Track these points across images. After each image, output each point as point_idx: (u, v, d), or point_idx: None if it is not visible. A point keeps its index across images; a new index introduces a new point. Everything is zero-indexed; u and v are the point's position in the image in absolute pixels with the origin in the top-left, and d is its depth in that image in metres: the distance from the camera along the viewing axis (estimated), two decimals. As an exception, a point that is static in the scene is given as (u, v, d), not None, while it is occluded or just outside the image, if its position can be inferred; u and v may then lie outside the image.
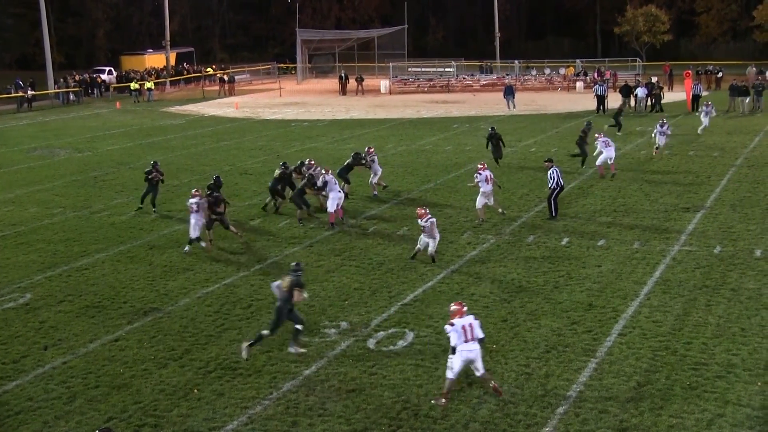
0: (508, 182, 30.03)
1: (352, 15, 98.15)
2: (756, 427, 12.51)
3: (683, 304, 17.62)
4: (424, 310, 17.74)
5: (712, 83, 63.10)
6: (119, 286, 20.09)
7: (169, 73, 79.58)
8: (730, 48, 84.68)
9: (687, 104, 51.14)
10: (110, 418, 13.31)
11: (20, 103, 63.07)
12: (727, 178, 30.14)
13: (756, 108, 48.83)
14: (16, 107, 62.69)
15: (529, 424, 12.82)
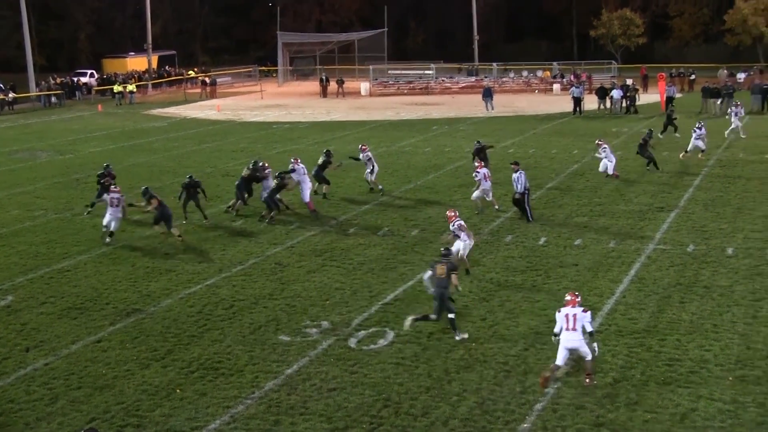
0: (487, 183, 30.14)
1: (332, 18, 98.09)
2: (727, 421, 12.62)
3: (658, 302, 17.74)
4: (405, 310, 17.74)
5: (685, 85, 63.49)
6: (101, 287, 19.99)
7: (151, 75, 79.23)
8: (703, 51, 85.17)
9: (661, 105, 51.41)
10: (93, 419, 13.24)
11: (1, 105, 62.68)
12: (699, 178, 30.33)
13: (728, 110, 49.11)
14: (-3, 110, 62.42)
15: (508, 420, 12.87)
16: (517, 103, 58.59)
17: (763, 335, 15.77)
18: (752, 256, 20.74)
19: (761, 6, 76.29)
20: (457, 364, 14.93)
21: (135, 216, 26.56)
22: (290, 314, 17.73)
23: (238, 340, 16.41)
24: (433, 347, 15.72)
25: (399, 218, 25.58)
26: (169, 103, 66.07)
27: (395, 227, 24.49)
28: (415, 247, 22.38)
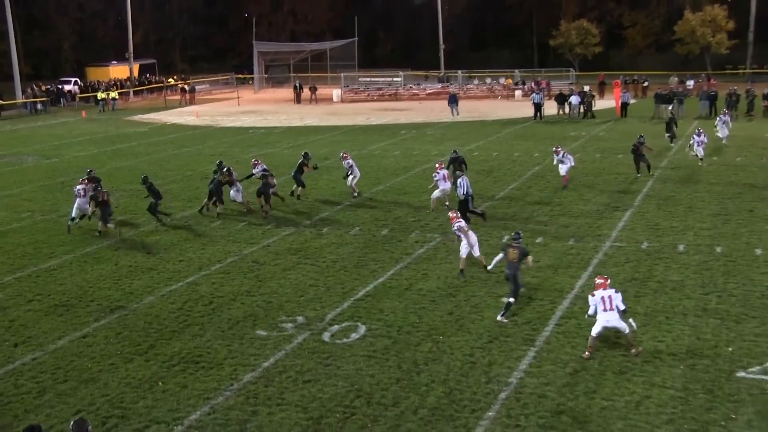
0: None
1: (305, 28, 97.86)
2: (678, 407, 12.76)
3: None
4: (376, 305, 17.78)
5: (639, 92, 64.01)
6: (86, 285, 19.87)
7: (132, 83, 78.79)
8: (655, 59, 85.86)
9: (616, 111, 51.84)
10: (79, 411, 13.16)
11: (-12, 113, 62.22)
12: (653, 178, 30.58)
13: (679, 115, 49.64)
14: (-17, 117, 61.79)
15: (474, 409, 12.93)
16: (481, 109, 58.82)
17: (711, 326, 15.95)
18: (702, 252, 20.96)
19: (708, 18, 77.28)
20: (426, 356, 14.97)
21: (119, 217, 26.43)
22: (267, 310, 17.70)
23: (217, 335, 16.36)
24: (403, 340, 15.76)
25: (369, 218, 25.61)
26: (149, 110, 65.67)
27: (366, 227, 24.51)
28: (385, 246, 22.40)
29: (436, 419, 12.65)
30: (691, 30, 78.15)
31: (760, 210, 25.19)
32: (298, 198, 28.19)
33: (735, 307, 16.92)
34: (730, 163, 33.21)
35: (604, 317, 14.61)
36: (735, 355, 14.60)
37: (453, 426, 12.45)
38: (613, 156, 35.96)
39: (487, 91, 70.89)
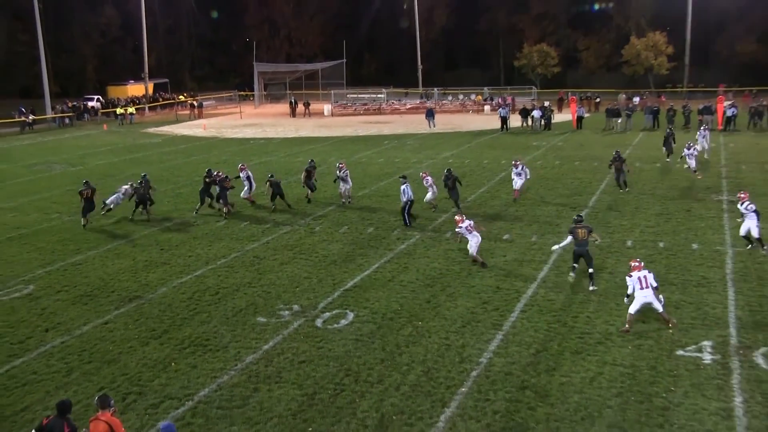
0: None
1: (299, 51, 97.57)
2: (626, 382, 12.87)
3: (571, 286, 17.94)
4: (362, 294, 17.79)
5: (592, 107, 64.15)
6: (107, 278, 19.80)
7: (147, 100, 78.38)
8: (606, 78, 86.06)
9: (572, 123, 52.01)
10: (102, 388, 13.20)
11: (23, 126, 61.92)
12: (605, 183, 30.69)
13: (627, 127, 49.92)
14: (19, 130, 61.41)
15: (449, 385, 12.97)
16: (455, 122, 58.86)
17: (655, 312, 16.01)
18: (647, 246, 21.07)
19: (650, 43, 77.79)
20: (407, 340, 14.99)
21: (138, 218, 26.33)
22: (266, 299, 17.68)
23: (222, 321, 16.34)
24: (387, 326, 15.77)
25: (357, 218, 25.58)
26: (162, 123, 65.32)
27: (353, 226, 24.50)
28: (371, 242, 22.41)
29: (416, 394, 12.68)
30: (636, 53, 78.55)
31: (696, 210, 25.34)
32: (309, 201, 28.10)
33: (675, 295, 17.04)
34: (671, 169, 33.37)
35: (642, 294, 15.01)
36: (674, 337, 14.71)
37: (431, 400, 12.48)
38: (570, 163, 36.09)
39: (460, 106, 70.90)
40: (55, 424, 10.01)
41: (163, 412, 12.37)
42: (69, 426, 10.02)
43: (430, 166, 35.31)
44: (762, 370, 13.24)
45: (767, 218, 23.86)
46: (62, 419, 10.05)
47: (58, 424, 10.01)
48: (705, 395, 12.38)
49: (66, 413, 10.14)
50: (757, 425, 11.48)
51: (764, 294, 16.98)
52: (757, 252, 20.13)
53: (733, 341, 14.44)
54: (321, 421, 11.97)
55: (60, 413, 10.13)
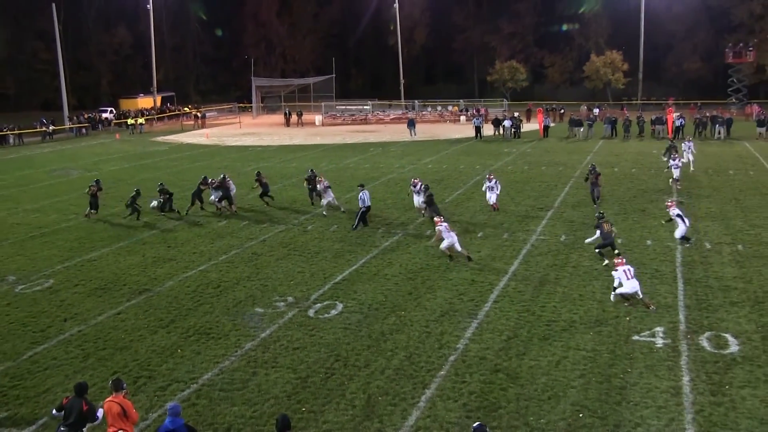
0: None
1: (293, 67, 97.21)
2: (588, 365, 12.90)
3: (539, 278, 17.99)
4: (351, 287, 17.74)
5: (557, 117, 64.35)
6: (120, 272, 19.64)
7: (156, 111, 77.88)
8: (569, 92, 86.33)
9: (539, 132, 52.12)
10: (115, 372, 13.13)
11: (44, 135, 61.48)
12: (569, 185, 30.82)
13: (588, 136, 50.09)
14: (40, 139, 60.95)
15: (429, 369, 12.96)
16: (434, 131, 58.86)
17: (614, 301, 16.09)
18: (607, 243, 21.14)
19: (608, 60, 78.13)
20: (391, 328, 14.96)
21: (145, 218, 26.14)
22: (263, 292, 17.60)
23: (224, 312, 16.25)
24: (373, 315, 15.73)
25: (345, 218, 25.49)
26: (169, 132, 64.84)
27: (342, 225, 24.42)
28: (358, 240, 22.34)
29: (399, 377, 12.66)
30: (596, 69, 78.85)
31: (650, 210, 25.47)
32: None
33: (632, 286, 17.09)
34: (627, 173, 33.53)
35: (630, 284, 15.72)
36: (631, 323, 14.77)
37: (413, 383, 12.46)
38: (537, 168, 36.17)
39: (438, 117, 70.89)
40: (74, 403, 10.12)
41: (170, 394, 12.29)
42: (87, 404, 10.13)
43: (412, 171, 35.36)
44: (707, 352, 13.33)
45: (710, 218, 24.06)
46: (80, 399, 10.14)
47: (77, 402, 10.11)
48: (657, 375, 12.43)
49: (83, 393, 10.22)
50: (702, 401, 11.56)
51: (709, 285, 17.09)
52: (702, 246, 20.26)
53: (682, 327, 14.52)
54: (313, 401, 11.93)
55: (78, 394, 10.21)
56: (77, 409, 10.00)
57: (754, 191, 28.48)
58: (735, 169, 34.00)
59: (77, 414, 10.01)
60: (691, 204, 26.21)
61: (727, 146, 43.29)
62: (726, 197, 27.42)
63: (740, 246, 20.38)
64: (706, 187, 29.64)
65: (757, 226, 22.61)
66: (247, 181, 29.96)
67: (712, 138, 47.41)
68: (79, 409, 10.01)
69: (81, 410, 10.03)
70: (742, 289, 16.77)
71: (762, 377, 12.30)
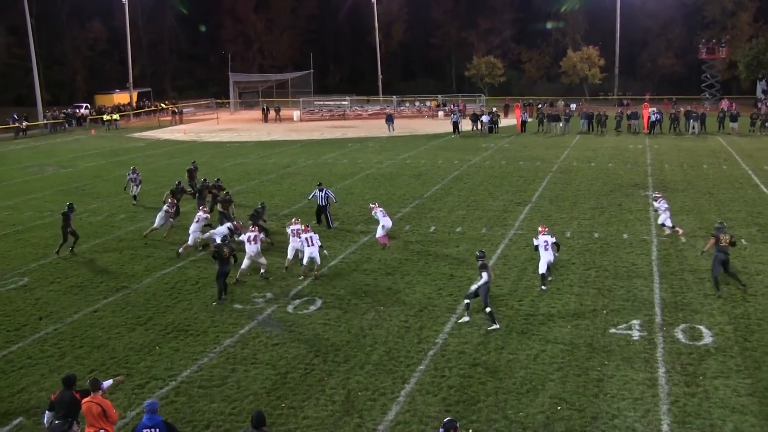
0: (390, 186, 30.22)
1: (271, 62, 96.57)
2: (566, 358, 13.00)
3: (517, 273, 18.09)
4: (329, 282, 17.72)
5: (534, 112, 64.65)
6: (96, 270, 19.45)
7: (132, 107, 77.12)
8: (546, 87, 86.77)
9: (517, 127, 52.35)
10: (92, 371, 13.00)
11: (17, 132, 60.46)
12: (546, 180, 30.99)
13: (565, 131, 50.40)
14: (14, 135, 59.89)
15: (409, 363, 12.99)
16: (412, 126, 58.93)
17: (591, 295, 16.25)
18: (584, 237, 21.32)
19: (585, 56, 78.69)
20: (370, 323, 14.97)
21: (121, 215, 25.90)
22: (242, 288, 17.52)
23: (202, 309, 16.16)
24: (352, 311, 15.73)
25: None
26: (146, 128, 64.25)
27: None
28: (336, 236, 22.31)
29: (379, 372, 12.68)
30: (572, 65, 79.35)
31: (626, 204, 25.70)
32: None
33: (608, 280, 17.27)
34: (603, 168, 33.79)
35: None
36: (608, 317, 14.91)
37: (392, 377, 12.48)
38: (515, 163, 36.33)
39: (416, 112, 70.98)
40: (64, 395, 10.02)
41: (148, 392, 12.20)
42: (78, 392, 10.04)
43: (390, 167, 35.38)
44: (681, 344, 13.50)
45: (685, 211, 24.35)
46: (69, 391, 10.04)
47: (67, 394, 10.02)
48: (634, 367, 12.57)
49: (72, 385, 10.12)
50: (677, 392, 11.71)
51: (684, 278, 17.30)
52: (677, 240, 20.49)
53: (657, 320, 14.69)
54: (293, 397, 11.91)
55: (66, 386, 10.10)
56: (68, 398, 9.93)
57: (728, 185, 28.86)
58: (709, 164, 34.41)
59: (68, 405, 9.92)
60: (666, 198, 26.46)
61: (701, 141, 43.81)
62: (700, 191, 27.76)
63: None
64: (681, 181, 29.97)
65: (731, 220, 22.90)
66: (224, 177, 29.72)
67: (686, 133, 47.93)
68: (70, 400, 9.92)
69: (72, 401, 9.93)
70: (716, 281, 16.98)
71: (734, 367, 12.49)
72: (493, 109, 57.91)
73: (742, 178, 30.33)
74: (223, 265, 16.53)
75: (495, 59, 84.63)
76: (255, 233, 18.43)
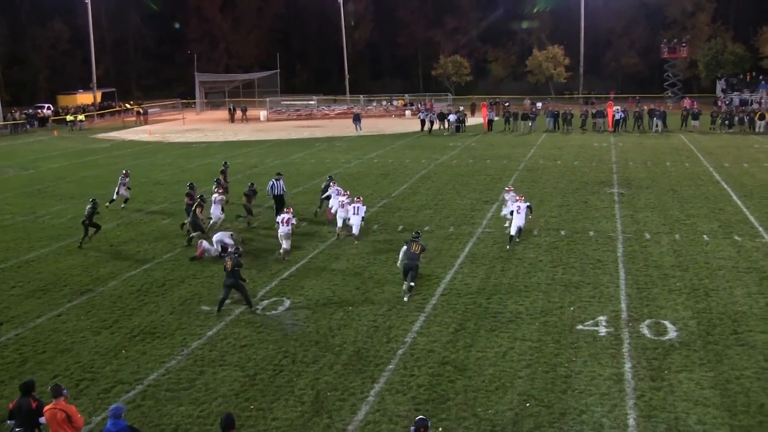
0: (357, 186, 30.15)
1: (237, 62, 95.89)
2: (534, 355, 13.09)
3: (485, 270, 18.17)
4: (298, 283, 17.63)
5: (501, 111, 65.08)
6: (60, 273, 19.08)
7: (96, 107, 75.98)
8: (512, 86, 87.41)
9: (484, 126, 52.65)
10: (55, 376, 12.72)
11: (-25, 133, 59.17)
12: (513, 178, 31.18)
13: (531, 129, 50.80)
14: (-28, 137, 58.73)
15: (378, 363, 12.97)
16: (379, 125, 58.91)
17: (558, 292, 16.39)
18: (551, 234, 21.50)
19: (550, 55, 79.53)
20: (339, 323, 14.92)
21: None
22: (210, 289, 17.34)
23: (169, 311, 15.96)
24: (320, 311, 15.67)
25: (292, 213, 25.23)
26: (111, 129, 63.33)
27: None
28: (304, 236, 22.20)
29: (348, 372, 12.64)
30: (538, 64, 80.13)
31: (591, 202, 25.99)
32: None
33: (575, 277, 17.44)
34: (569, 166, 34.14)
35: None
36: (575, 313, 15.05)
37: (361, 377, 12.45)
38: (482, 161, 36.53)
39: (384, 111, 71.00)
40: (22, 403, 9.79)
41: (114, 396, 12.01)
42: (35, 401, 9.81)
43: (358, 166, 35.33)
44: (647, 339, 13.69)
45: (649, 208, 24.69)
46: (27, 398, 9.81)
47: (25, 401, 9.79)
48: (601, 363, 12.70)
49: (30, 392, 9.88)
50: (642, 386, 11.86)
51: (649, 273, 17.54)
52: (643, 236, 20.78)
53: (623, 315, 14.87)
54: (262, 399, 11.82)
55: (24, 393, 9.86)
56: (26, 406, 9.71)
57: (690, 182, 29.35)
58: (672, 161, 34.96)
59: (27, 413, 9.71)
60: (631, 195, 26.86)
61: (665, 139, 44.49)
62: (664, 188, 28.18)
63: (677, 235, 20.97)
64: (645, 178, 30.39)
65: (693, 216, 23.31)
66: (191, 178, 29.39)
67: (650, 131, 48.64)
68: (28, 408, 9.70)
69: (30, 409, 9.72)
70: (679, 276, 17.27)
71: (697, 361, 12.69)
72: (460, 107, 58.11)
73: (704, 175, 30.88)
74: (228, 277, 15.97)
75: (461, 58, 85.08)
76: (288, 215, 19.88)
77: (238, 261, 15.92)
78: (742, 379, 12.03)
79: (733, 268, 17.84)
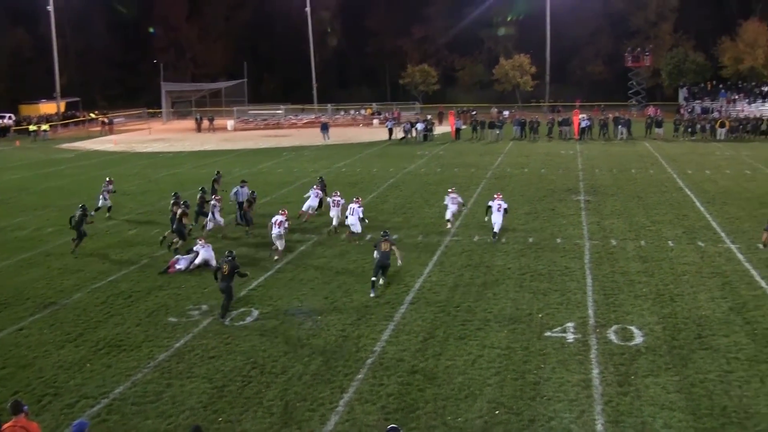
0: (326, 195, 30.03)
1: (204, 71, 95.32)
2: (504, 362, 13.15)
3: (454, 279, 18.23)
4: (266, 293, 17.53)
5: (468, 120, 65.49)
6: (22, 286, 18.72)
7: (59, 117, 74.86)
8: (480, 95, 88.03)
9: (452, 134, 52.95)
10: (16, 392, 12.43)
11: (-68, 144, 57.79)
12: (481, 186, 31.40)
13: (499, 137, 51.21)
14: (-72, 147, 57.38)
15: (347, 372, 12.93)
16: (347, 134, 58.93)
17: (527, 299, 16.51)
18: (519, 242, 21.66)
19: (517, 64, 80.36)
20: (307, 333, 14.85)
21: (48, 228, 25.05)
22: (177, 300, 17.16)
23: (135, 323, 15.75)
24: (289, 321, 15.59)
25: (259, 224, 25.00)
26: (75, 139, 62.46)
27: (257, 230, 24.04)
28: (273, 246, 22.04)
29: (317, 382, 12.58)
30: (505, 73, 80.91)
31: (559, 209, 26.26)
32: None
33: (543, 284, 17.58)
34: (536, 174, 34.47)
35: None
36: (543, 320, 15.17)
37: (330, 387, 12.40)
38: (450, 169, 36.71)
39: (351, 120, 71.06)
40: None
41: (79, 411, 11.79)
42: None
43: (326, 175, 35.22)
44: (614, 344, 13.84)
45: (615, 215, 25.02)
46: None
47: None
48: (569, 369, 12.81)
49: None
50: (610, 392, 11.99)
51: (615, 280, 17.76)
52: (609, 243, 21.04)
53: (591, 321, 15.02)
54: (230, 411, 11.71)
55: None
56: None
57: (655, 189, 29.82)
58: (637, 168, 35.50)
59: None
60: (597, 202, 27.19)
61: (630, 146, 45.17)
62: (629, 195, 28.59)
63: (643, 242, 21.27)
64: (610, 185, 30.81)
65: (658, 222, 23.67)
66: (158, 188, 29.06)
67: (615, 138, 49.36)
68: None
69: None
70: (645, 282, 17.51)
71: (663, 366, 12.87)
72: (427, 116, 58.35)
73: (668, 182, 31.39)
74: (221, 281, 15.83)
75: (429, 67, 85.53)
76: (283, 218, 20.58)
77: (234, 264, 15.93)
78: (706, 382, 12.23)
79: (696, 273, 18.15)
